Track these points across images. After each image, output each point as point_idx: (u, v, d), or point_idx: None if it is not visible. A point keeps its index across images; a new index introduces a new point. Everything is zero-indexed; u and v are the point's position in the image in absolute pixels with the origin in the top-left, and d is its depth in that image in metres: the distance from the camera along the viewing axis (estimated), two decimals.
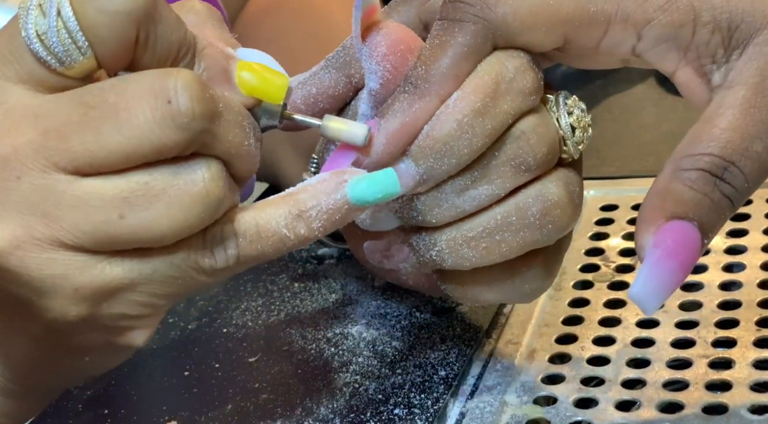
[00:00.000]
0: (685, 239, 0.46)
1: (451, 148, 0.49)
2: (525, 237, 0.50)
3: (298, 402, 0.58)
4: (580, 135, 0.51)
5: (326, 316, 0.65)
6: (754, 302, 0.60)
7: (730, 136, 0.46)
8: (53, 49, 0.45)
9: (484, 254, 0.51)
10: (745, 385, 0.54)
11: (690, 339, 0.58)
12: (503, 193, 0.50)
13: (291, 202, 0.48)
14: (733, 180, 0.46)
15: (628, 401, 0.55)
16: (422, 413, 0.56)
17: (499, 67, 0.49)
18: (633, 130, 0.82)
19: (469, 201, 0.50)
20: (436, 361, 0.59)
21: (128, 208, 0.45)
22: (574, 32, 0.49)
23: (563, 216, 0.51)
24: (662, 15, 0.47)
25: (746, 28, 0.46)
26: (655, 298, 0.46)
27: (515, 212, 0.50)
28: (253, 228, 0.48)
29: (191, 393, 0.60)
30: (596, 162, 0.78)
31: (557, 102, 0.51)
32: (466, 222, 0.51)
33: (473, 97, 0.49)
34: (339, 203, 0.48)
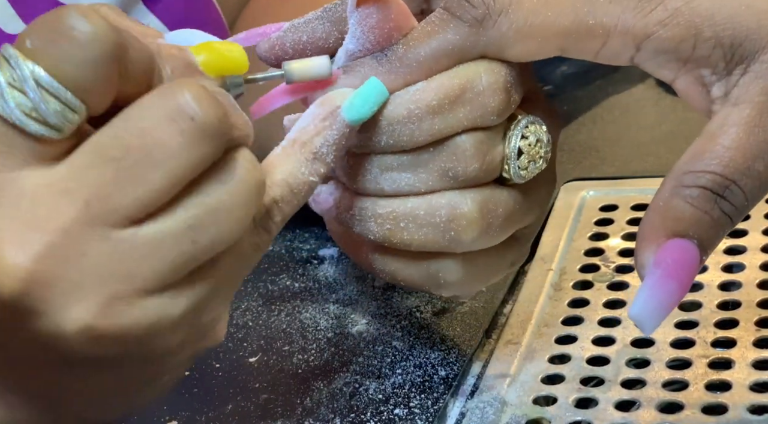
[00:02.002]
0: (685, 258, 0.46)
1: (393, 131, 0.49)
2: (427, 234, 0.51)
3: (298, 402, 0.58)
4: (525, 162, 0.51)
5: (326, 316, 0.65)
6: (753, 302, 0.60)
7: (732, 154, 0.46)
8: (49, 121, 0.42)
9: (387, 234, 0.51)
10: (745, 385, 0.54)
11: (689, 339, 0.58)
12: (423, 189, 0.51)
13: (302, 149, 0.48)
14: (733, 198, 0.46)
15: (627, 401, 0.55)
16: (422, 413, 0.56)
17: (473, 76, 0.49)
18: (633, 131, 0.82)
19: (389, 182, 0.51)
20: (436, 361, 0.60)
21: (197, 232, 0.44)
22: (572, 44, 0.49)
23: (468, 230, 0.51)
24: (663, 30, 0.47)
25: (750, 45, 0.46)
26: (655, 318, 0.46)
27: (425, 208, 0.51)
28: (287, 189, 0.47)
29: (191, 393, 0.60)
30: (596, 162, 0.78)
31: (518, 124, 0.51)
32: (382, 198, 0.51)
33: (434, 94, 0.49)
34: (342, 130, 0.48)
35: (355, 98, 0.49)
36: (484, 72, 0.49)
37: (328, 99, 0.49)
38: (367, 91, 0.49)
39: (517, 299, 0.64)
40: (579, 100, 0.89)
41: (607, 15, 0.47)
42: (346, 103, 0.49)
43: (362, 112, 0.49)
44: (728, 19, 0.46)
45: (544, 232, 0.70)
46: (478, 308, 0.64)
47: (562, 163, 0.79)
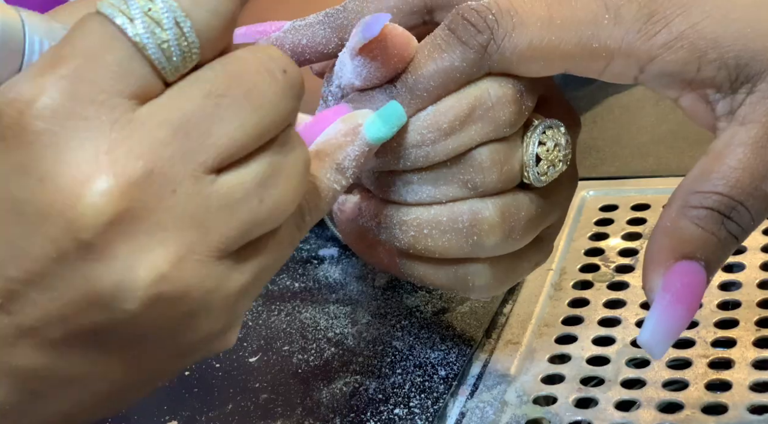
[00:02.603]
0: (693, 281, 0.46)
1: (408, 155, 0.50)
2: (450, 240, 0.52)
3: (298, 402, 0.58)
4: (544, 167, 0.52)
5: (326, 316, 0.65)
6: (753, 302, 0.60)
7: (739, 175, 0.46)
8: (173, 59, 0.43)
9: (411, 241, 0.52)
10: (745, 385, 0.54)
11: (690, 339, 0.58)
12: (444, 200, 0.51)
13: (326, 158, 0.48)
14: (739, 219, 0.46)
15: (627, 400, 0.55)
16: (422, 413, 0.56)
17: (481, 94, 0.50)
18: (633, 131, 0.82)
19: (411, 194, 0.52)
20: (436, 361, 0.60)
21: (264, 190, 0.44)
22: (575, 65, 0.49)
23: (490, 235, 0.51)
24: (667, 53, 0.47)
25: (756, 65, 0.46)
26: (665, 343, 0.47)
27: (447, 214, 0.51)
28: (315, 192, 0.48)
29: (191, 393, 0.60)
30: (596, 162, 0.78)
31: (535, 129, 0.51)
32: (414, 207, 0.52)
33: (444, 117, 0.50)
34: (363, 147, 0.49)
35: (376, 118, 0.49)
36: (491, 88, 0.50)
37: (351, 116, 0.49)
38: (389, 112, 0.50)
39: (517, 299, 0.64)
40: (579, 100, 0.88)
41: (611, 38, 0.47)
42: (368, 122, 0.49)
43: (383, 132, 0.49)
44: (733, 41, 0.46)
45: None
46: (478, 308, 0.64)
47: None
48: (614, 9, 0.47)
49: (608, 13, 0.47)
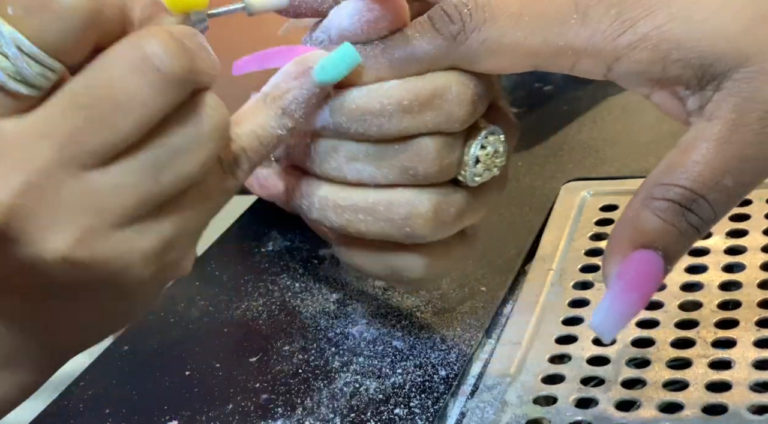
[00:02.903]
0: (649, 269, 0.48)
1: (364, 121, 0.52)
2: (384, 228, 0.54)
3: (298, 402, 0.58)
4: (480, 169, 0.54)
5: (326, 316, 0.65)
6: (753, 302, 0.60)
7: (701, 169, 0.47)
8: (29, 81, 0.45)
9: (345, 224, 0.54)
10: (745, 385, 0.54)
11: (690, 339, 0.58)
12: (384, 182, 0.53)
13: (272, 103, 0.51)
14: (700, 212, 0.48)
15: (628, 401, 0.55)
16: (422, 413, 0.56)
17: (444, 85, 0.52)
18: (633, 130, 0.82)
19: (353, 172, 0.53)
20: (436, 361, 0.60)
21: (160, 170, 0.47)
22: (542, 62, 0.51)
23: (423, 227, 0.54)
24: (632, 53, 0.49)
25: (720, 65, 0.47)
26: (615, 328, 0.49)
27: (385, 204, 0.53)
28: (255, 140, 0.50)
29: (191, 393, 0.60)
30: (596, 162, 0.78)
31: (480, 133, 0.54)
32: (344, 189, 0.54)
33: (406, 94, 0.52)
34: (311, 89, 0.51)
35: (326, 60, 0.51)
36: (454, 83, 0.52)
37: (303, 59, 0.52)
38: (340, 55, 0.51)
39: (517, 299, 0.64)
40: (579, 100, 0.89)
41: (577, 37, 0.49)
42: (318, 64, 0.51)
43: (332, 74, 0.51)
44: (697, 42, 0.48)
45: (545, 232, 0.70)
46: (478, 308, 0.64)
47: (563, 163, 0.79)
48: (583, 9, 0.49)
49: (577, 13, 0.49)
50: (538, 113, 0.89)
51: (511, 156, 0.57)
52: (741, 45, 0.47)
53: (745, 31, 0.47)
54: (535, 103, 0.90)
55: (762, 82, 0.47)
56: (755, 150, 0.47)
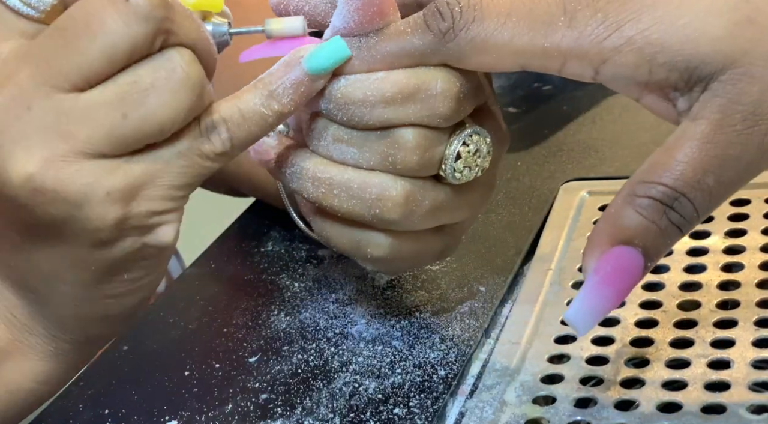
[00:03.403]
0: (627, 265, 0.49)
1: (348, 109, 0.54)
2: (355, 206, 0.56)
3: (298, 402, 0.58)
4: (461, 166, 0.56)
5: (326, 316, 0.65)
6: (752, 302, 0.60)
7: (684, 168, 0.48)
8: (29, 2, 0.52)
9: (320, 196, 0.56)
10: (744, 385, 0.54)
11: (689, 339, 0.58)
12: (365, 166, 0.55)
13: (260, 86, 0.54)
14: (682, 210, 0.48)
15: (627, 400, 0.55)
16: (422, 413, 0.56)
17: (430, 80, 0.54)
18: (633, 130, 0.82)
19: (338, 151, 0.56)
20: (436, 361, 0.60)
21: (127, 106, 0.51)
22: (529, 62, 0.51)
23: (392, 211, 0.55)
24: (617, 56, 0.49)
25: (706, 67, 0.48)
26: (588, 322, 0.50)
27: (359, 182, 0.55)
28: (237, 113, 0.54)
29: (191, 393, 0.60)
30: (596, 162, 0.78)
31: (464, 130, 0.55)
32: (326, 164, 0.56)
33: (390, 86, 0.54)
34: (300, 77, 0.54)
35: (316, 51, 0.54)
36: (440, 79, 0.54)
37: (297, 50, 0.55)
38: (329, 47, 0.54)
39: (517, 299, 0.64)
40: (579, 100, 0.89)
41: (563, 39, 0.50)
42: (308, 54, 0.54)
43: (320, 64, 0.54)
44: (681, 45, 0.48)
45: (544, 231, 0.70)
46: (478, 307, 0.64)
47: (562, 163, 0.79)
48: (571, 12, 0.50)
49: (564, 15, 0.50)
50: (538, 113, 0.89)
51: (499, 161, 0.59)
52: (725, 48, 0.47)
53: (730, 34, 0.47)
54: (535, 103, 0.90)
55: (747, 83, 0.47)
56: (738, 150, 0.48)
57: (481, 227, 0.72)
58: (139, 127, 0.51)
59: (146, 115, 0.51)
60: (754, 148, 0.48)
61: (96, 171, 0.51)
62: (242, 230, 0.78)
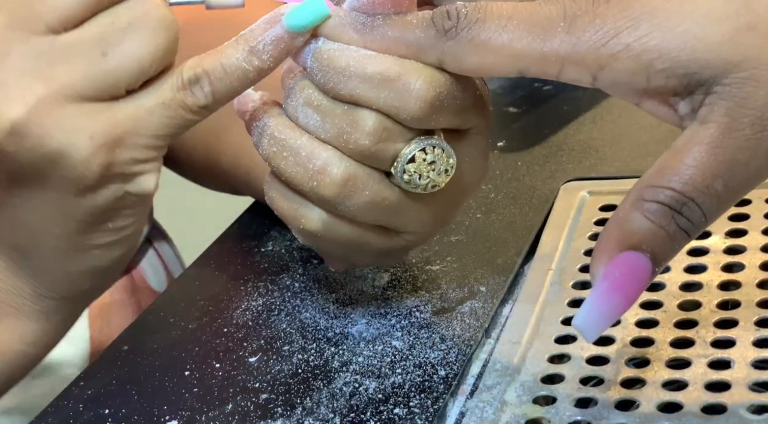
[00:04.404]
0: (635, 271, 0.49)
1: (326, 72, 0.55)
2: (297, 173, 0.56)
3: (298, 402, 0.58)
4: (411, 170, 0.56)
5: (326, 316, 0.65)
6: (753, 302, 0.60)
7: (693, 173, 0.48)
8: None
9: (270, 154, 0.57)
10: (744, 385, 0.54)
11: (689, 339, 0.58)
12: (322, 137, 0.56)
13: (241, 41, 0.56)
14: (690, 215, 0.48)
15: (627, 400, 0.55)
16: (422, 413, 0.56)
17: (412, 74, 0.54)
18: (633, 130, 0.82)
19: (303, 115, 0.56)
20: (436, 361, 0.60)
21: (106, 45, 0.53)
22: (527, 66, 0.51)
23: (327, 188, 0.56)
24: (615, 63, 0.49)
25: (706, 73, 0.48)
26: (597, 328, 0.50)
27: (308, 151, 0.56)
28: (219, 67, 0.55)
29: (191, 393, 0.60)
30: (596, 162, 0.78)
31: (429, 139, 0.56)
32: (286, 125, 0.57)
33: (373, 65, 0.54)
34: (279, 33, 0.55)
35: (296, 9, 0.55)
36: (423, 77, 0.54)
37: (279, 8, 0.56)
38: (309, 5, 0.55)
39: (517, 298, 0.64)
40: (579, 100, 0.89)
41: (561, 45, 0.50)
42: (288, 11, 0.55)
43: (299, 21, 0.55)
44: (679, 52, 0.48)
45: (544, 231, 0.70)
46: (478, 307, 0.64)
47: (562, 163, 0.79)
48: (571, 18, 0.50)
49: (564, 21, 0.50)
50: (538, 113, 0.89)
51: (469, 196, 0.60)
52: (725, 54, 0.47)
53: (730, 40, 0.47)
54: (535, 103, 0.90)
55: (753, 87, 0.47)
56: (746, 155, 0.47)
57: (481, 227, 0.72)
58: (120, 66, 0.53)
59: (126, 53, 0.53)
60: (762, 153, 0.47)
61: (79, 115, 0.53)
62: (242, 230, 0.78)
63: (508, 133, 0.85)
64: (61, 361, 0.84)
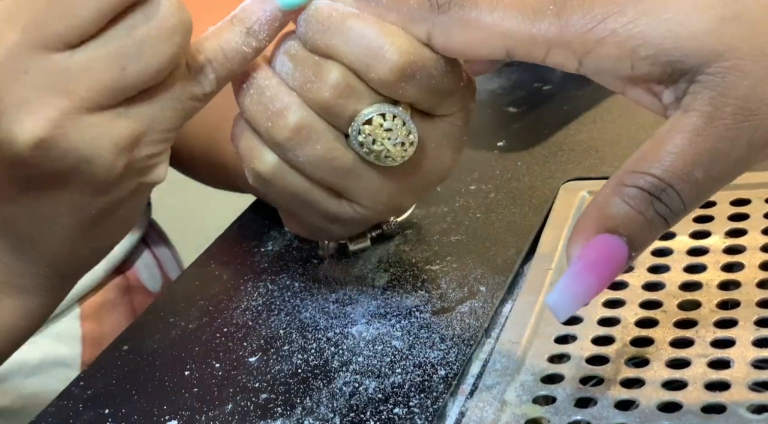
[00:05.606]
0: (610, 253, 0.49)
1: (308, 22, 0.56)
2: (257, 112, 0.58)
3: (298, 402, 0.58)
4: (366, 131, 0.56)
5: (326, 316, 0.65)
6: (752, 301, 0.60)
7: (673, 159, 0.48)
8: None
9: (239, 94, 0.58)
10: (744, 384, 0.54)
11: (689, 339, 0.58)
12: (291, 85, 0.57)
13: (237, 23, 0.56)
14: (669, 201, 0.48)
15: (627, 400, 0.55)
16: (422, 413, 0.56)
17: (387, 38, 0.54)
18: (633, 130, 0.82)
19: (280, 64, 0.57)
20: (436, 360, 0.60)
21: (125, 59, 0.52)
22: (514, 47, 0.52)
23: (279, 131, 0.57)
24: (600, 48, 0.49)
25: (690, 61, 0.48)
26: (569, 307, 0.50)
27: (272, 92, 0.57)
28: (220, 53, 0.56)
29: (191, 393, 0.60)
30: (596, 162, 0.78)
31: (390, 106, 0.56)
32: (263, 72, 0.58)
33: (355, 22, 0.55)
34: (274, 12, 0.56)
35: None
36: (400, 43, 0.55)
37: None
38: None
39: (517, 298, 0.64)
40: (579, 100, 0.89)
41: (550, 27, 0.50)
42: None
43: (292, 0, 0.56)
44: (663, 39, 0.48)
45: (544, 231, 0.70)
46: (478, 307, 0.64)
47: (562, 163, 0.79)
48: (561, 2, 0.50)
49: (554, 4, 0.50)
50: (538, 113, 0.89)
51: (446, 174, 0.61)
52: (710, 43, 0.47)
53: (715, 29, 0.47)
54: (535, 103, 0.90)
55: (736, 77, 0.47)
56: (727, 145, 0.48)
57: (481, 227, 0.72)
58: (140, 76, 0.53)
59: (144, 64, 0.52)
60: (743, 143, 0.47)
61: (101, 123, 0.53)
62: (242, 230, 0.78)
63: (508, 133, 0.85)
64: (54, 360, 0.84)
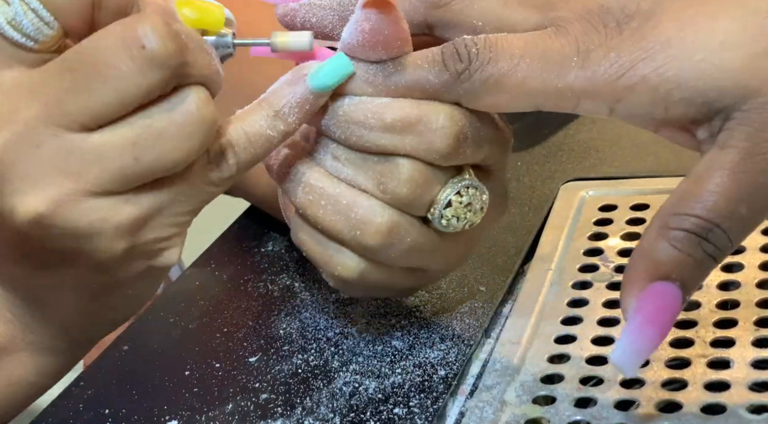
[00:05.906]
0: (666, 301, 0.49)
1: (346, 128, 0.54)
2: (338, 222, 0.55)
3: (298, 402, 0.58)
4: (449, 214, 0.56)
5: (326, 316, 0.65)
6: (752, 301, 0.60)
7: (717, 198, 0.48)
8: (25, 31, 0.50)
9: (306, 203, 0.56)
10: (744, 385, 0.54)
11: (688, 339, 0.58)
12: (357, 187, 0.55)
13: (265, 105, 0.54)
14: (716, 241, 0.48)
15: (626, 400, 0.55)
16: (422, 413, 0.56)
17: (432, 114, 0.53)
18: (633, 130, 0.82)
19: (333, 168, 0.55)
20: (436, 360, 0.60)
21: (140, 150, 0.50)
22: (543, 102, 0.52)
23: (372, 237, 0.55)
24: (631, 95, 0.49)
25: (725, 100, 0.47)
26: (635, 362, 0.50)
27: (349, 199, 0.55)
28: (243, 137, 0.53)
29: (191, 393, 0.60)
30: (596, 162, 0.78)
31: (462, 179, 0.56)
32: (322, 173, 0.56)
33: (391, 113, 0.53)
34: (304, 95, 0.54)
35: (320, 68, 0.54)
36: (443, 114, 0.53)
37: (300, 67, 0.54)
38: (333, 64, 0.54)
39: (517, 298, 0.64)
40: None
41: (576, 79, 0.50)
42: (312, 71, 0.54)
43: (325, 82, 0.54)
44: (697, 81, 0.48)
45: (544, 232, 0.70)
46: (478, 307, 0.64)
47: (562, 163, 0.79)
48: (584, 52, 0.50)
49: (578, 56, 0.50)
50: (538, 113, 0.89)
51: (491, 224, 0.59)
52: (744, 80, 0.47)
53: (748, 66, 0.47)
54: None
55: None
56: None
57: None
58: (151, 169, 0.51)
59: (159, 157, 0.50)
60: None
61: (105, 208, 0.51)
62: (242, 230, 0.78)
63: None
64: None
